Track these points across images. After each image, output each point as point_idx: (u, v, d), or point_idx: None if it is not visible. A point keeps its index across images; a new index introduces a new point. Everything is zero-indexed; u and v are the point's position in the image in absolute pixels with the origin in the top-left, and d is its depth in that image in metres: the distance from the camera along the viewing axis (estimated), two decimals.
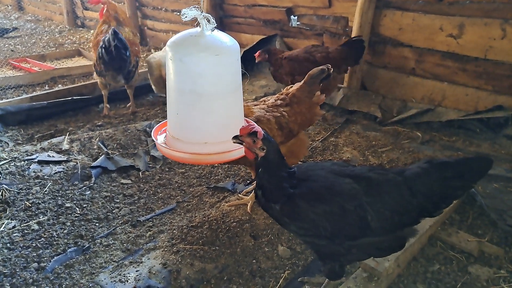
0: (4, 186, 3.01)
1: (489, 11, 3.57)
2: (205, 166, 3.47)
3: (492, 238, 2.53)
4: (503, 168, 3.15)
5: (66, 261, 2.38)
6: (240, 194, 3.03)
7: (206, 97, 2.17)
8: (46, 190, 3.03)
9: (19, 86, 5.49)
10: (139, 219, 2.79)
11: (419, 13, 4.02)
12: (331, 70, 2.69)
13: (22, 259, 2.38)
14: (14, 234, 2.58)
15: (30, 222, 2.69)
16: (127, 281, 2.19)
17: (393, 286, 2.20)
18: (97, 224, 2.74)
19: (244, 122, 2.37)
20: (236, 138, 1.85)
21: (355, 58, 4.08)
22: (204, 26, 2.10)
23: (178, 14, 7.00)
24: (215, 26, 2.14)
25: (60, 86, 5.54)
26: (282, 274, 2.28)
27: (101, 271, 2.29)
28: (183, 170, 3.44)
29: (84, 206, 2.90)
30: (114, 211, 2.88)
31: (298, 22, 5.20)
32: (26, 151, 3.57)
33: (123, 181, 3.25)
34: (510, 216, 2.61)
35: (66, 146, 3.66)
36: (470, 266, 2.32)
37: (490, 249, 2.43)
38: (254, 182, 3.06)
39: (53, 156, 3.48)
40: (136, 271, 2.26)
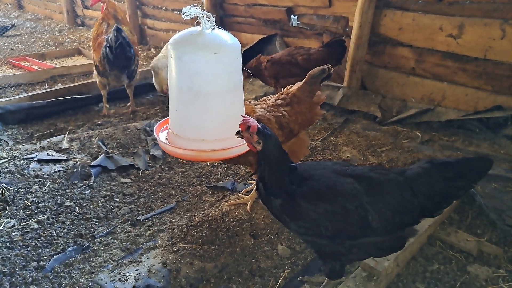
0: (3, 185, 3.00)
1: (489, 11, 3.57)
2: (204, 166, 3.47)
3: (491, 237, 2.53)
4: (503, 168, 3.16)
5: (65, 260, 2.38)
6: (239, 193, 3.03)
7: (203, 95, 2.17)
8: (45, 189, 3.03)
9: (19, 85, 5.49)
10: (139, 218, 2.79)
11: (419, 13, 4.02)
12: (332, 70, 2.69)
13: (22, 258, 2.38)
14: (14, 233, 2.58)
15: (30, 221, 2.69)
16: (127, 280, 2.19)
17: (392, 285, 2.20)
18: (96, 223, 2.74)
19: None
20: (238, 134, 1.90)
21: (337, 58, 4.14)
22: (204, 24, 2.11)
23: (178, 13, 7.05)
24: (214, 25, 2.14)
25: (59, 85, 5.54)
26: (282, 274, 2.29)
27: (100, 270, 2.29)
28: (183, 170, 3.44)
29: (83, 205, 2.90)
30: (113, 210, 2.88)
31: (298, 22, 5.21)
32: (25, 150, 3.57)
33: (123, 180, 3.25)
34: (509, 215, 2.61)
35: (65, 145, 3.66)
36: (469, 265, 2.33)
37: (489, 248, 2.43)
38: (254, 183, 3.06)
39: (52, 155, 3.48)
40: (135, 270, 2.26)
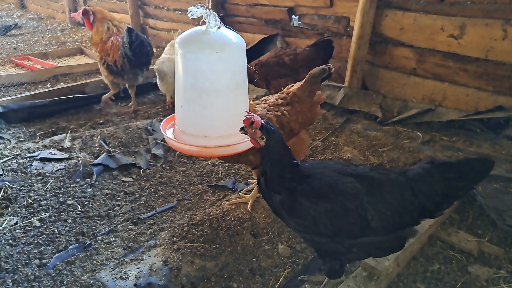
0: (6, 183, 3.02)
1: (490, 12, 3.57)
2: (205, 165, 3.48)
3: (492, 238, 2.54)
4: (503, 168, 3.15)
5: (67, 258, 2.40)
6: (240, 192, 3.04)
7: (206, 92, 2.20)
8: (47, 187, 3.04)
9: (21, 84, 5.52)
10: (140, 217, 2.80)
11: (420, 13, 4.02)
12: (332, 70, 2.70)
13: (24, 256, 2.39)
14: (16, 231, 2.59)
15: (32, 219, 2.71)
16: (128, 278, 2.20)
17: (392, 285, 2.21)
18: (98, 221, 2.75)
19: None
20: (242, 130, 1.93)
21: (324, 58, 4.09)
22: (208, 23, 2.12)
23: (180, 13, 7.06)
24: (219, 24, 2.16)
25: (62, 84, 5.56)
26: (282, 273, 2.29)
27: (102, 268, 2.30)
28: (184, 169, 3.45)
29: (85, 203, 2.92)
30: (115, 209, 2.89)
31: (299, 22, 5.21)
32: (28, 149, 3.59)
33: (124, 179, 3.27)
34: (510, 216, 2.61)
35: (67, 144, 3.68)
36: (470, 266, 2.33)
37: (490, 249, 2.44)
38: (254, 182, 3.07)
39: (55, 153, 3.50)
40: (137, 268, 2.27)
